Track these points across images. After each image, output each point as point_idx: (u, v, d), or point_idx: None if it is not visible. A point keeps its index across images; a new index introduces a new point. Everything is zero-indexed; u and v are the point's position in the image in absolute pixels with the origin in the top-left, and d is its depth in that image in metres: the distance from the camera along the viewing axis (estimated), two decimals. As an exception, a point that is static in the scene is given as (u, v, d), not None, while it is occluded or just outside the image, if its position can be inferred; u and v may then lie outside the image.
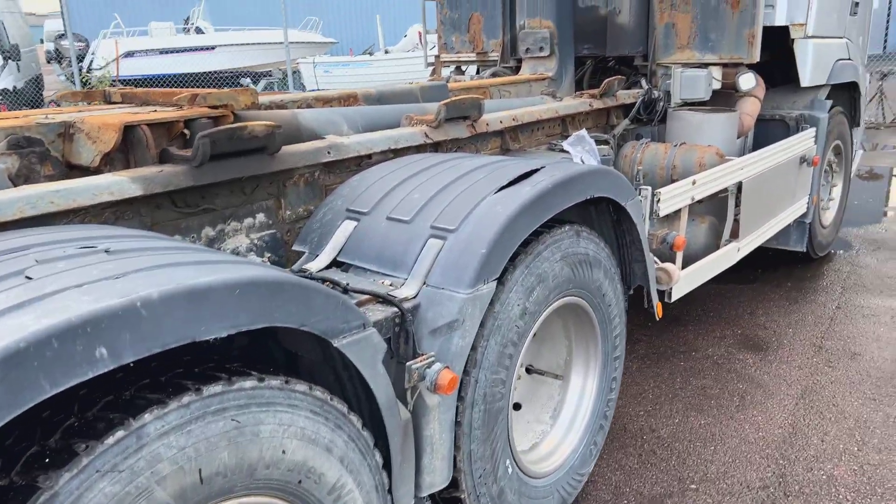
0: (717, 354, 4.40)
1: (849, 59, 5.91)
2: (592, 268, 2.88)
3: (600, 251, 2.93)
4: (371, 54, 18.70)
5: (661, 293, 3.69)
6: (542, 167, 2.70)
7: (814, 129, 5.35)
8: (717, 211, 4.47)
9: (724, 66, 4.99)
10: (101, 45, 14.90)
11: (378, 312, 2.16)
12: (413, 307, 2.24)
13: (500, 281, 2.42)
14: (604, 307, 3.03)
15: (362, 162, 3.05)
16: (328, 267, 2.52)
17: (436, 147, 3.41)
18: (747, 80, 4.94)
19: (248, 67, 15.60)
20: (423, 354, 2.17)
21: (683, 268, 3.87)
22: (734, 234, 4.38)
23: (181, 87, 4.03)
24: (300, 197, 2.86)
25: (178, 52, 14.93)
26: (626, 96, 4.84)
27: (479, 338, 2.36)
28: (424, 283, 2.29)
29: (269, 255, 2.74)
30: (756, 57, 4.82)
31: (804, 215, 5.54)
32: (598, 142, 4.63)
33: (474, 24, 5.93)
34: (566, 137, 4.43)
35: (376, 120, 3.33)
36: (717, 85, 5.00)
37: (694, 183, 3.72)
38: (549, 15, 5.00)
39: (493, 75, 5.45)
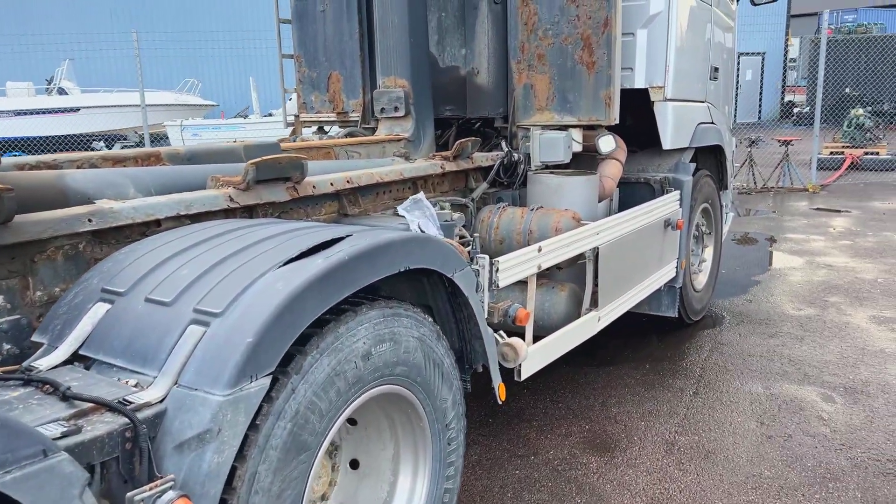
0: (559, 458, 3.88)
1: (711, 122, 5.94)
2: (415, 350, 2.48)
3: (425, 330, 2.54)
4: (245, 117, 18.07)
5: (510, 371, 3.34)
6: (348, 235, 2.32)
7: (678, 191, 5.26)
8: (579, 278, 4.22)
9: (585, 128, 4.85)
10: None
11: (101, 425, 1.68)
12: (155, 415, 1.77)
13: (284, 372, 1.99)
14: (432, 397, 2.63)
15: (147, 231, 2.59)
16: (67, 362, 2.02)
17: (249, 213, 2.99)
18: (607, 143, 4.80)
19: (114, 131, 14.70)
20: (160, 477, 1.69)
21: (537, 340, 3.55)
22: (595, 303, 4.12)
23: (33, 153, 3.51)
24: (58, 274, 2.35)
25: (35, 113, 13.96)
26: (483, 159, 4.59)
27: (252, 447, 1.90)
28: (176, 383, 1.83)
29: (8, 346, 2.21)
30: (614, 119, 4.69)
31: (673, 280, 5.41)
32: (455, 206, 4.34)
33: (333, 83, 5.62)
34: (417, 201, 4.11)
35: (175, 181, 2.88)
36: (577, 147, 4.84)
37: (540, 250, 3.43)
38: (404, 73, 4.73)
39: (350, 135, 5.13)
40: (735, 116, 12.85)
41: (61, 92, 15.55)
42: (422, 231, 3.23)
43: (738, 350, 5.41)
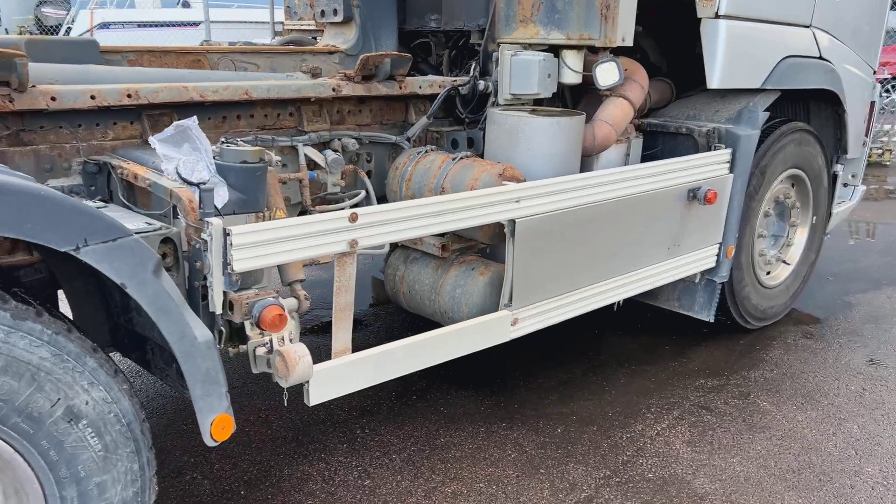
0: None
1: (819, 57, 4.22)
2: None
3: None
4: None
5: (297, 392, 2.30)
6: None
7: (729, 150, 3.74)
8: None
9: (587, 50, 3.49)
10: (79, 14, 14.10)
11: None
12: None
13: None
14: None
15: None
16: None
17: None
18: (607, 72, 3.40)
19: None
20: None
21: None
22: (510, 299, 2.90)
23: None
24: None
25: (157, 26, 13.95)
26: (422, 85, 3.41)
27: None
28: None
29: None
30: (616, 38, 3.30)
31: (712, 271, 3.94)
32: (381, 144, 3.29)
33: (315, -16, 4.60)
34: (302, 133, 3.10)
35: None
36: (572, 78, 3.50)
37: (354, 219, 2.28)
38: (348, -36, 3.63)
39: (291, 43, 4.13)
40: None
41: (185, 5, 15.58)
42: (181, 175, 2.21)
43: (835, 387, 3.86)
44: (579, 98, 4.02)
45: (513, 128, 3.26)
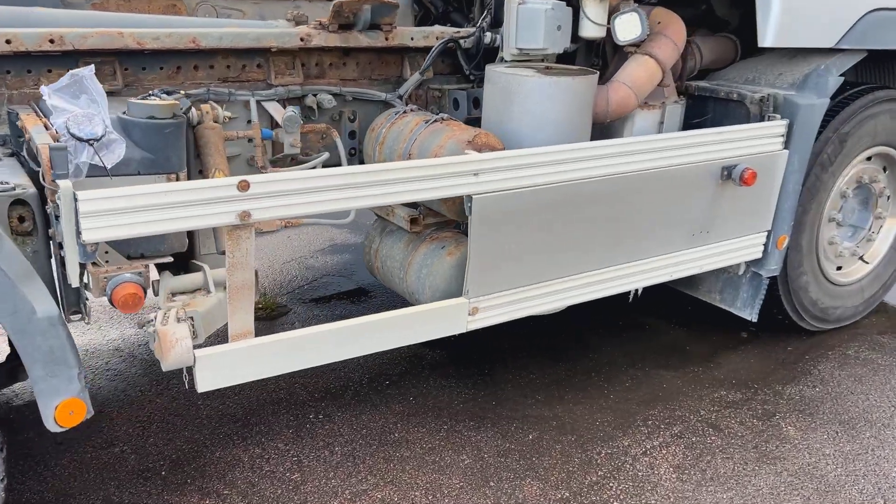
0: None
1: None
2: None
3: None
4: None
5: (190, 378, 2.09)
6: None
7: (784, 121, 3.15)
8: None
9: (607, -1, 2.99)
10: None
11: None
12: None
13: None
14: None
15: None
16: None
17: None
18: (626, 25, 2.91)
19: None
20: None
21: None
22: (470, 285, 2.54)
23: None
24: None
25: None
26: (414, 36, 3.05)
27: None
28: None
29: None
30: (637, -16, 2.80)
31: (759, 263, 3.38)
32: (370, 101, 3.01)
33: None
34: (270, 86, 2.85)
35: None
36: (594, 31, 3.02)
37: (245, 187, 1.98)
38: None
39: None
40: None
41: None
42: (69, 130, 2.01)
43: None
44: (624, 59, 3.51)
45: (505, 88, 2.85)
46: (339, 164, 2.91)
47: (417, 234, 2.85)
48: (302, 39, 2.78)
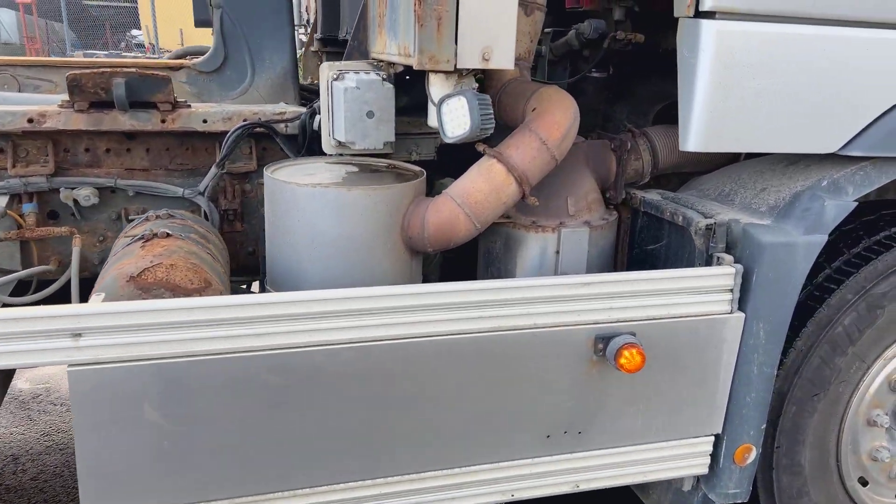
0: None
1: None
2: None
3: None
4: None
5: None
6: None
7: (732, 269, 1.96)
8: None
9: (452, 74, 2.05)
10: None
11: None
12: None
13: None
14: None
15: None
16: None
17: None
18: (452, 115, 1.94)
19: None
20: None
21: None
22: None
23: None
24: None
25: None
26: (213, 117, 2.33)
27: None
28: None
29: None
30: (465, 57, 1.85)
31: (708, 483, 2.15)
32: (166, 198, 2.41)
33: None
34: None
35: None
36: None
37: None
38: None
39: (189, 55, 3.28)
40: None
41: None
42: None
43: None
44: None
45: (272, 195, 2.03)
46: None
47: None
48: (30, 121, 2.19)
